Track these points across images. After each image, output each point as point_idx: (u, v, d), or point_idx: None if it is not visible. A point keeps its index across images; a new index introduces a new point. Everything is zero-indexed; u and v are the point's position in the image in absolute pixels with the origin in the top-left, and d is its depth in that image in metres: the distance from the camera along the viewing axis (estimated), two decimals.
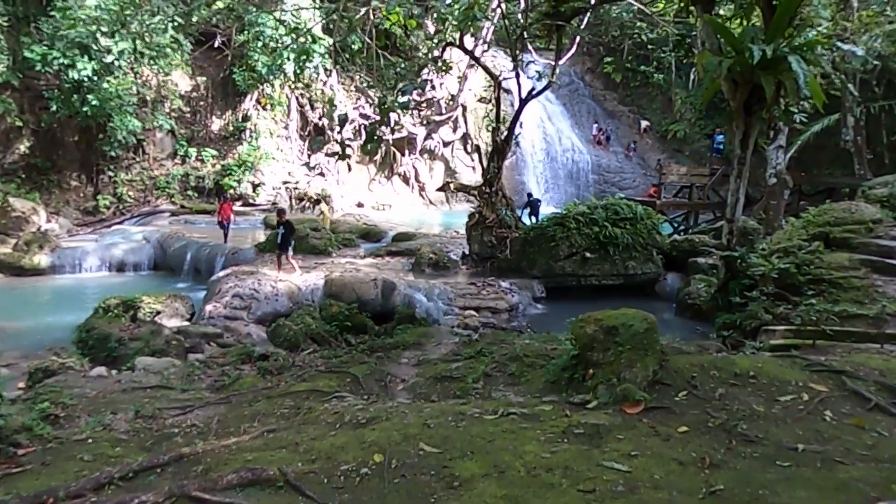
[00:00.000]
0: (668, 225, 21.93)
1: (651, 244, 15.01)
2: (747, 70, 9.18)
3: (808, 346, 7.34)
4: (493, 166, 15.43)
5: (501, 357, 7.10)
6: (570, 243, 14.29)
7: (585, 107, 40.63)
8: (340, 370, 7.15)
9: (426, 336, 9.73)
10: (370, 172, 32.73)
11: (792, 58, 8.52)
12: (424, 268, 14.86)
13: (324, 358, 8.94)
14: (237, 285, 13.19)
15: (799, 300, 9.66)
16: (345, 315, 10.78)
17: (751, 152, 9.89)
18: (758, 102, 9.30)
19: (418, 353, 8.63)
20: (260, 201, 26.70)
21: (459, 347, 8.98)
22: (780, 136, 17.59)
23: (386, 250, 16.76)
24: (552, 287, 14.48)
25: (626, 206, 14.92)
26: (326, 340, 10.15)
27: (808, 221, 11.73)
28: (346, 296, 12.99)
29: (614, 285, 14.81)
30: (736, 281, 10.14)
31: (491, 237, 15.33)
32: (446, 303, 12.67)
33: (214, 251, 17.82)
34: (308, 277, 13.62)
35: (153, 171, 25.72)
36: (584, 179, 36.96)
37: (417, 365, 7.77)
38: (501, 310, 12.59)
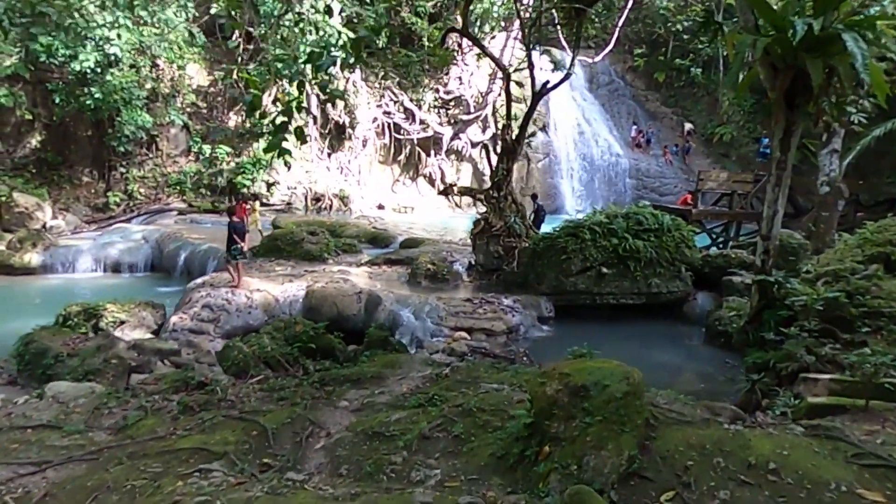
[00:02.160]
0: (707, 236, 19.89)
1: (679, 259, 13.18)
2: (789, 52, 7.43)
3: (860, 410, 5.58)
4: (503, 168, 13.85)
5: (453, 409, 5.57)
6: (585, 256, 12.59)
7: (626, 107, 38.51)
8: (249, 419, 5.73)
9: (393, 366, 8.24)
10: (394, 173, 31.46)
11: (848, 36, 6.73)
12: (421, 280, 13.38)
13: (265, 391, 7.54)
14: (209, 294, 11.98)
15: (850, 338, 7.84)
16: (309, 336, 9.38)
17: (793, 155, 8.10)
18: (802, 93, 7.52)
19: (372, 390, 7.15)
20: (274, 201, 25.68)
21: (424, 384, 7.47)
22: (834, 138, 15.48)
23: (384, 258, 15.34)
24: (563, 305, 12.80)
25: (651, 216, 13.13)
26: (282, 366, 8.76)
27: (865, 239, 9.81)
28: (325, 310, 11.65)
29: (635, 305, 13.05)
30: (771, 311, 8.38)
31: (498, 247, 13.76)
32: (435, 322, 11.17)
33: (208, 253, 16.74)
34: (288, 288, 12.30)
35: (166, 168, 24.95)
36: (621, 184, 34.90)
37: (359, 410, 6.30)
38: (498, 332, 11.00)
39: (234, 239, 12.60)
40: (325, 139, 28.67)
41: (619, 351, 11.65)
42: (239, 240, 12.64)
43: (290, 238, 15.76)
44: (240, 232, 12.74)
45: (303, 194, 26.41)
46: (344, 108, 28.40)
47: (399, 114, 29.91)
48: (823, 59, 7.16)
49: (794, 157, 19.90)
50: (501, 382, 7.26)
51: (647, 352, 11.37)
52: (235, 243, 12.57)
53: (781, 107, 7.78)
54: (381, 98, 29.53)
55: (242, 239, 12.70)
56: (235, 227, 12.70)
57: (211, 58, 26.81)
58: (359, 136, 28.83)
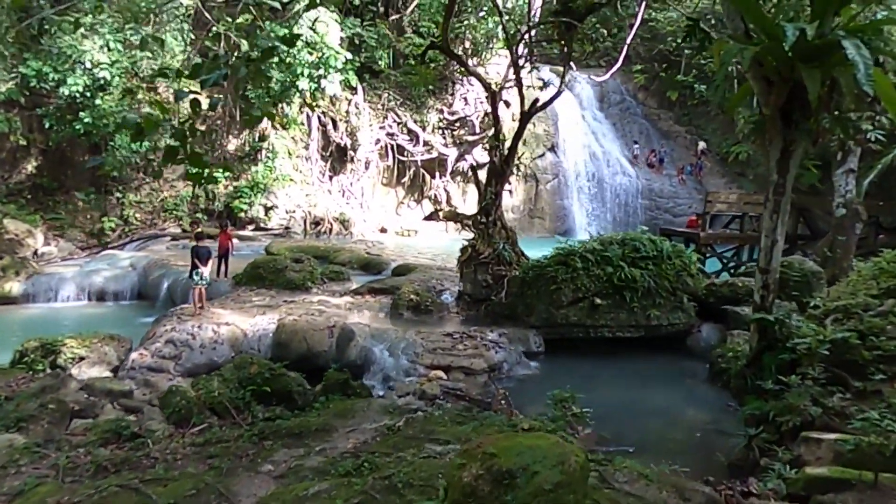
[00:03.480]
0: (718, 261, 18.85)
1: (680, 288, 12.22)
2: (784, 63, 6.57)
3: (867, 485, 4.62)
4: (491, 191, 13.05)
5: (378, 483, 4.72)
6: (576, 286, 11.69)
7: (637, 126, 37.58)
8: (143, 492, 4.93)
9: (346, 415, 7.42)
10: (398, 196, 30.82)
11: (849, 43, 5.86)
12: (403, 311, 12.56)
13: (199, 445, 6.77)
14: (175, 328, 11.26)
15: (862, 387, 6.85)
16: (264, 378, 8.58)
17: (792, 178, 7.19)
18: (800, 109, 6.63)
19: (311, 448, 6.34)
20: (272, 225, 25.12)
21: (374, 438, 6.64)
22: (850, 157, 14.49)
23: (369, 287, 14.55)
24: (554, 339, 11.89)
25: (649, 242, 12.21)
26: (229, 413, 7.97)
27: (881, 269, 8.81)
28: (295, 346, 10.88)
29: (633, 338, 12.08)
30: (772, 354, 7.41)
31: (486, 275, 12.91)
32: (411, 359, 10.32)
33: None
34: (258, 321, 11.55)
35: (163, 193, 24.56)
36: (633, 205, 33.89)
37: (281, 477, 5.48)
38: (478, 370, 10.12)
39: (196, 263, 12.29)
40: (327, 161, 28.18)
41: (612, 391, 10.72)
42: (200, 264, 12.30)
43: (272, 266, 15.07)
44: (203, 257, 12.38)
45: (302, 218, 25.83)
46: (346, 129, 27.92)
47: (403, 135, 29.35)
48: (822, 70, 6.29)
49: (813, 178, 19.00)
50: (458, 438, 6.39)
51: (642, 392, 10.41)
52: (197, 267, 12.25)
53: (777, 124, 6.90)
54: (384, 119, 29.02)
55: (205, 263, 12.39)
56: (198, 252, 12.45)
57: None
58: (361, 157, 28.30)
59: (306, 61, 23.68)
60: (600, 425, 8.54)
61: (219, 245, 16.01)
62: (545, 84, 13.78)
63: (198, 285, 12.62)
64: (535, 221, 32.81)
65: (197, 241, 12.77)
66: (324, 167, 27.99)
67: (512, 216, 32.53)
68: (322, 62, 23.76)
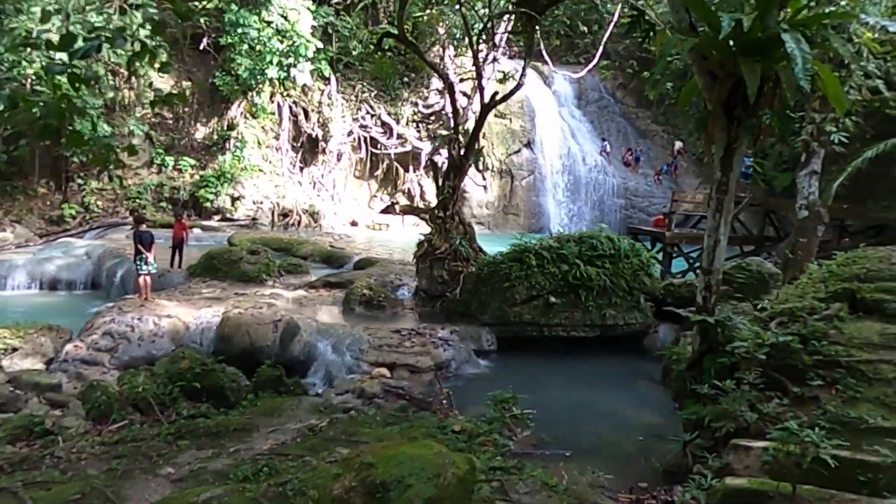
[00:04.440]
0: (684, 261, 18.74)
1: (637, 288, 12.02)
2: (727, 56, 6.33)
3: (786, 498, 4.40)
4: (449, 185, 12.76)
5: (271, 491, 4.43)
6: (530, 284, 11.45)
7: (615, 125, 37.48)
8: (20, 497, 4.60)
9: (272, 414, 7.12)
10: (371, 189, 30.46)
11: (788, 36, 5.63)
12: (355, 306, 12.25)
13: (109, 444, 6.43)
14: (114, 320, 10.88)
15: (800, 392, 6.67)
16: (194, 373, 8.23)
17: (735, 176, 6.98)
18: (743, 104, 6.40)
19: (222, 449, 6.03)
20: (238, 216, 24.63)
21: (294, 439, 6.34)
22: (814, 159, 14.38)
23: (324, 281, 14.23)
24: (507, 337, 11.65)
25: (607, 240, 11.99)
26: (153, 409, 7.63)
27: (831, 272, 8.62)
28: (238, 340, 10.51)
29: (588, 338, 11.87)
30: (712, 357, 7.20)
31: (442, 271, 12.63)
32: (355, 356, 10.02)
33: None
34: (202, 314, 11.19)
35: (126, 180, 23.96)
36: (608, 203, 33.79)
37: (180, 481, 5.16)
38: (423, 368, 9.84)
39: (140, 249, 11.89)
40: (298, 152, 27.72)
41: (562, 391, 10.50)
42: (145, 250, 11.89)
43: (227, 257, 14.69)
44: (146, 242, 12.00)
45: (270, 209, 25.36)
46: (317, 120, 27.47)
47: (376, 128, 28.96)
48: (764, 65, 6.06)
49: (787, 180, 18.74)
50: (380, 441, 6.11)
51: (592, 393, 10.19)
52: (141, 254, 11.84)
53: (721, 120, 6.68)
54: (357, 111, 28.60)
55: (149, 249, 11.97)
56: (141, 237, 12.06)
57: (179, 67, 25.94)
58: (333, 149, 27.87)
59: (276, 49, 23.21)
60: (542, 427, 8.31)
61: (173, 235, 15.59)
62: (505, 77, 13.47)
63: (143, 273, 12.27)
64: (510, 218, 32.57)
65: (137, 225, 12.39)
66: (294, 158, 27.54)
67: (486, 212, 32.36)
68: (292, 50, 23.31)
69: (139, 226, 12.48)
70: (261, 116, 25.23)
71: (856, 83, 13.65)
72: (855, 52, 13.72)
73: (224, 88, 24.33)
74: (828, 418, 6.14)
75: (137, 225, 12.57)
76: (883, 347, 6.98)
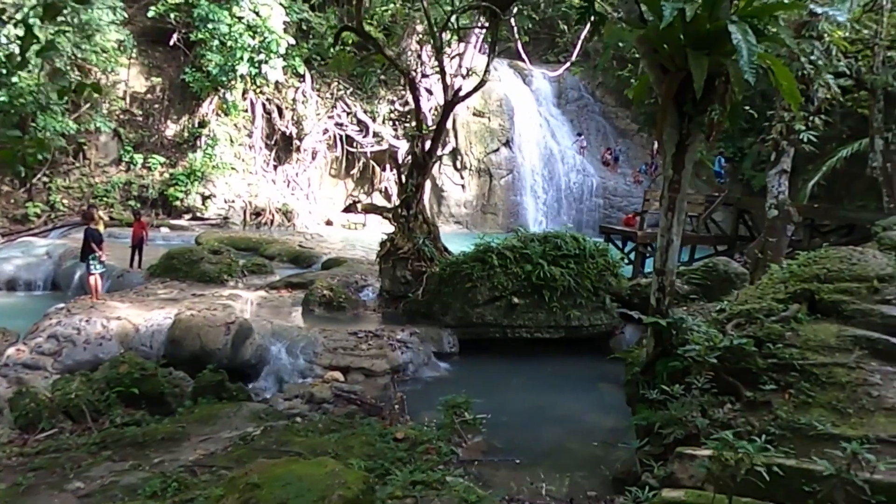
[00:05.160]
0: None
1: (603, 288, 11.82)
2: (677, 49, 6.11)
3: None
4: (412, 184, 12.47)
5: None
6: (493, 285, 11.20)
7: (595, 124, 37.34)
8: None
9: (209, 421, 6.81)
10: (347, 187, 30.08)
11: (735, 28, 5.41)
12: (314, 307, 11.93)
13: (26, 456, 6.08)
14: (60, 322, 10.46)
15: (753, 396, 6.47)
16: (133, 378, 7.89)
17: (688, 174, 6.76)
18: (693, 99, 6.18)
19: (143, 461, 5.71)
20: (209, 215, 24.16)
21: (226, 449, 6.03)
22: (783, 158, 14.19)
23: (286, 281, 13.90)
24: (470, 339, 11.40)
25: (572, 240, 11.77)
26: (85, 417, 7.27)
27: (792, 273, 8.44)
28: (188, 343, 10.16)
29: (553, 339, 11.64)
30: (665, 361, 6.98)
31: (405, 271, 12.35)
32: (309, 359, 9.71)
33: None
34: (153, 316, 10.81)
35: (94, 178, 23.45)
36: (587, 202, 33.67)
37: (86, 497, 4.84)
38: (378, 372, 9.55)
39: (91, 248, 11.54)
40: (272, 150, 27.29)
41: (522, 395, 10.24)
42: (97, 248, 11.54)
43: (187, 257, 14.30)
44: (98, 240, 11.64)
45: (241, 208, 24.91)
46: (292, 118, 27.06)
47: (352, 126, 28.56)
48: (714, 58, 5.84)
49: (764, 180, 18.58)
50: (313, 451, 5.83)
51: (553, 396, 9.96)
52: (92, 252, 11.48)
53: (672, 116, 6.46)
54: (332, 109, 28.19)
55: (100, 247, 11.60)
56: (92, 235, 11.68)
57: (149, 63, 25.44)
58: (307, 147, 27.46)
59: (247, 45, 22.79)
60: (497, 432, 8.07)
61: (133, 234, 15.22)
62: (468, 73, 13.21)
63: (95, 272, 11.91)
64: (489, 217, 32.32)
65: (88, 222, 12.00)
66: (268, 156, 27.10)
67: (464, 211, 32.11)
68: (263, 47, 22.90)
69: (90, 223, 12.09)
70: (233, 114, 24.77)
71: (824, 81, 13.51)
72: (824, 49, 13.62)
73: (194, 85, 23.87)
74: (778, 424, 5.95)
75: (88, 222, 12.17)
76: (838, 350, 6.79)
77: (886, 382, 6.20)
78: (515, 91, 34.58)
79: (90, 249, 11.93)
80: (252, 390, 9.09)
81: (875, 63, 16.88)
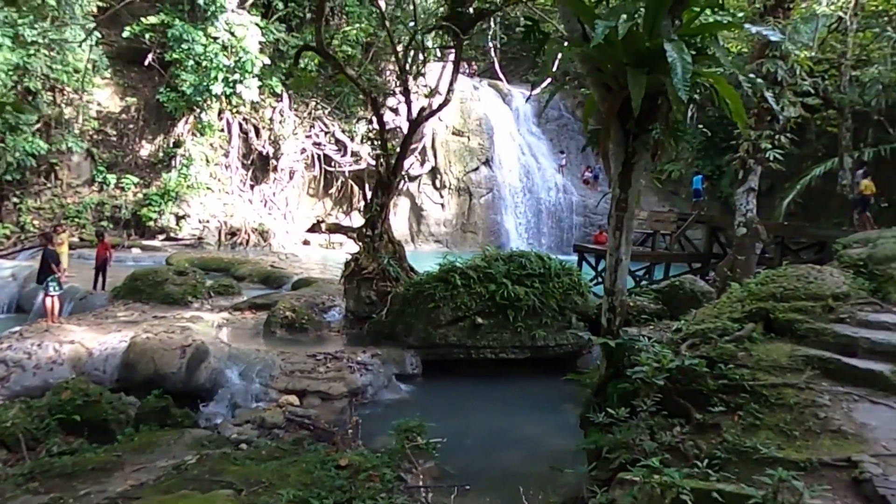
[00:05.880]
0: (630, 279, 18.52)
1: (569, 307, 11.71)
2: (620, 68, 6.07)
3: None
4: (377, 203, 12.36)
5: None
6: (456, 305, 11.06)
7: (575, 143, 37.52)
8: None
9: (147, 449, 6.58)
10: (326, 207, 29.95)
11: (671, 46, 5.37)
12: (276, 329, 11.72)
13: None
14: (12, 346, 10.19)
15: (702, 418, 6.34)
16: (76, 405, 7.65)
17: (635, 192, 6.69)
18: (636, 118, 6.12)
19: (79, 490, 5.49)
20: (183, 235, 23.91)
21: (157, 480, 5.81)
22: (751, 176, 14.25)
23: (251, 302, 13.69)
24: (435, 360, 11.23)
25: (537, 259, 11.68)
26: (20, 445, 7.02)
27: (749, 292, 8.38)
28: (142, 367, 9.91)
29: (519, 360, 11.49)
30: (615, 383, 6.86)
31: (370, 292, 12.18)
32: (265, 382, 9.50)
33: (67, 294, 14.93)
34: (108, 340, 10.56)
35: (66, 199, 23.17)
36: (567, 221, 33.75)
37: None
38: (335, 395, 9.34)
39: (51, 269, 11.40)
40: (249, 170, 27.14)
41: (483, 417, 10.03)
42: (56, 269, 11.44)
43: (151, 278, 14.07)
44: (56, 261, 11.48)
45: (216, 228, 24.68)
46: (269, 137, 26.96)
47: (330, 145, 28.52)
48: (654, 76, 5.79)
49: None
50: (246, 480, 5.63)
51: (514, 419, 9.79)
52: (51, 273, 11.35)
53: (618, 135, 6.40)
54: (310, 128, 28.15)
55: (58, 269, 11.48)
56: (50, 256, 11.48)
57: (124, 83, 25.32)
58: (284, 167, 27.34)
59: (222, 65, 22.74)
60: (451, 457, 7.88)
61: (96, 256, 14.99)
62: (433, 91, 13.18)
63: (53, 294, 11.70)
64: (468, 236, 32.27)
65: (47, 243, 11.86)
66: (245, 176, 26.94)
67: (444, 230, 32.06)
68: (238, 66, 22.86)
69: (48, 244, 11.94)
70: (208, 133, 24.63)
71: (789, 100, 13.61)
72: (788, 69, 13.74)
73: (169, 105, 23.75)
74: (725, 448, 5.81)
75: (47, 243, 12.01)
76: (790, 370, 6.70)
77: (834, 404, 6.10)
78: (495, 110, 34.76)
79: (49, 271, 11.73)
80: (204, 415, 8.87)
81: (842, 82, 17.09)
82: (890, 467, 5.00)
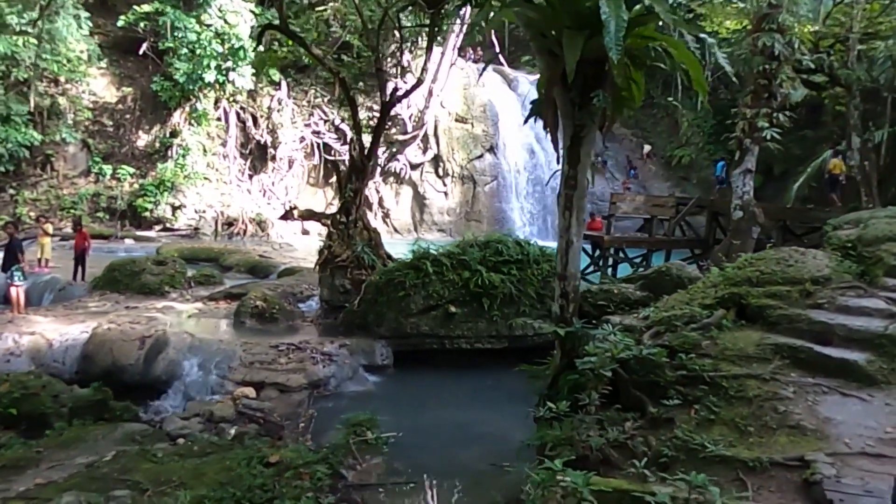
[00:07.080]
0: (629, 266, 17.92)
1: (548, 295, 11.08)
2: (562, 32, 5.55)
3: None
4: (351, 189, 11.96)
5: None
6: (427, 293, 10.62)
7: None
8: None
9: (72, 444, 6.27)
10: (326, 196, 29.59)
11: (605, 2, 4.85)
12: (245, 319, 11.39)
13: None
14: None
15: (657, 412, 5.86)
16: (13, 398, 7.37)
17: (585, 168, 6.18)
18: (582, 87, 5.60)
19: None
20: (179, 225, 23.75)
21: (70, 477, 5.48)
22: (748, 157, 13.61)
23: (226, 292, 13.39)
24: (407, 351, 10.81)
25: (514, 245, 11.20)
26: None
27: (724, 276, 7.85)
28: (100, 359, 9.63)
29: (495, 349, 11.03)
30: (566, 374, 6.39)
31: (344, 280, 11.80)
32: (222, 374, 9.16)
33: (49, 285, 14.79)
34: (69, 331, 10.30)
35: (61, 190, 23.11)
36: None
37: None
38: (294, 387, 8.98)
39: (17, 258, 11.33)
40: (247, 159, 26.89)
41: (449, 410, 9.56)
42: (21, 258, 11.33)
43: (129, 269, 13.83)
44: (21, 250, 11.35)
45: (213, 219, 24.48)
46: (267, 126, 26.68)
47: (330, 134, 28.15)
48: (598, 39, 5.26)
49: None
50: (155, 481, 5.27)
51: (481, 412, 9.33)
52: (16, 262, 11.30)
53: (565, 106, 5.89)
54: (309, 116, 27.81)
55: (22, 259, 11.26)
56: (17, 245, 11.52)
57: (120, 73, 25.16)
58: (283, 156, 27.04)
59: (215, 53, 22.44)
60: (403, 453, 7.47)
61: (74, 246, 14.82)
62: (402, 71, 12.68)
63: (17, 284, 11.52)
64: (472, 224, 31.68)
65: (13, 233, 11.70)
66: (243, 165, 26.71)
67: (447, 219, 31.56)
68: (231, 53, 22.54)
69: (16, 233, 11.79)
70: (204, 123, 24.39)
71: (787, 75, 12.91)
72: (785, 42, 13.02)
73: (163, 94, 23.53)
74: (675, 445, 5.34)
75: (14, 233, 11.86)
76: (756, 360, 6.19)
77: (798, 396, 5.57)
78: (500, 96, 34.06)
79: (15, 260, 11.53)
80: (153, 408, 8.56)
81: (849, 58, 16.24)
82: (846, 468, 4.49)
